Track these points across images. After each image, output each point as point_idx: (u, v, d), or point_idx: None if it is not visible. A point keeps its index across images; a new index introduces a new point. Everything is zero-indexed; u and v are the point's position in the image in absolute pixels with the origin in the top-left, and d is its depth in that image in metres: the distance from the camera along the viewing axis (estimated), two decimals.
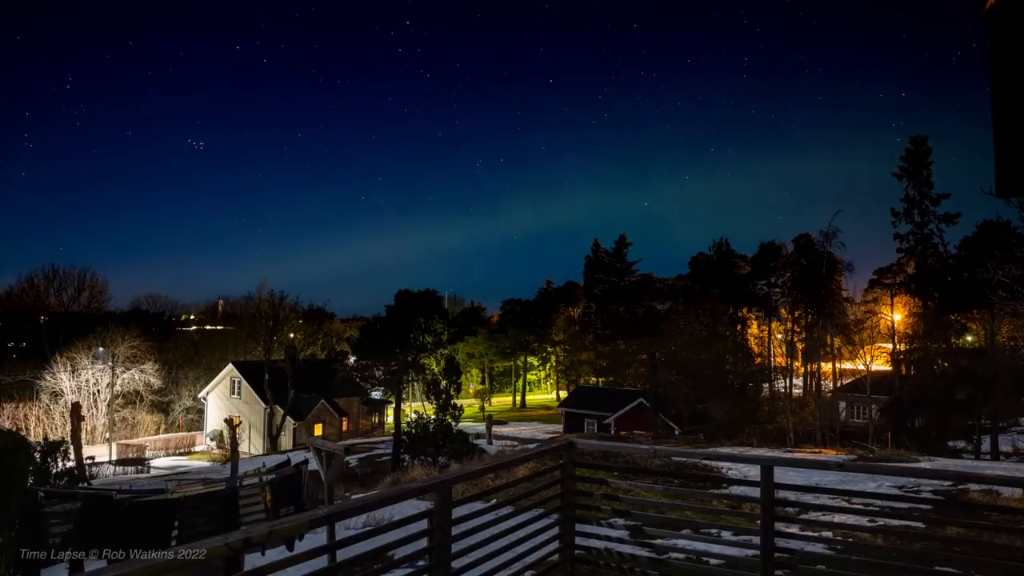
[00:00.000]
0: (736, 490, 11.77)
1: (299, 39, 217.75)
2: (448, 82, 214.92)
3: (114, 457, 44.29)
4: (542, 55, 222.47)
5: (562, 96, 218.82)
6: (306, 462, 8.87)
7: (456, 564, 4.61)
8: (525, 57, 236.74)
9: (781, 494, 5.53)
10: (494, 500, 8.34)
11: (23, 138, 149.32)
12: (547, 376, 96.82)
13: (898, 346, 48.88)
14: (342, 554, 5.30)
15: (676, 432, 44.44)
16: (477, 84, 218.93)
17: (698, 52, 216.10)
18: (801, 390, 56.18)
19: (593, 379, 75.92)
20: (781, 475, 11.04)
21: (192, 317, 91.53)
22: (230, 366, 53.80)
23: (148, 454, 46.26)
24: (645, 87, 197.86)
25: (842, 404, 46.02)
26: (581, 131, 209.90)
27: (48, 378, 50.96)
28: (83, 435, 38.33)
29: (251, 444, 50.34)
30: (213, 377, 55.49)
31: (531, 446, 26.97)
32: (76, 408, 34.70)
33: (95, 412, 52.99)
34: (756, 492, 5.22)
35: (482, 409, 71.36)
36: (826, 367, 56.24)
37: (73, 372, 51.68)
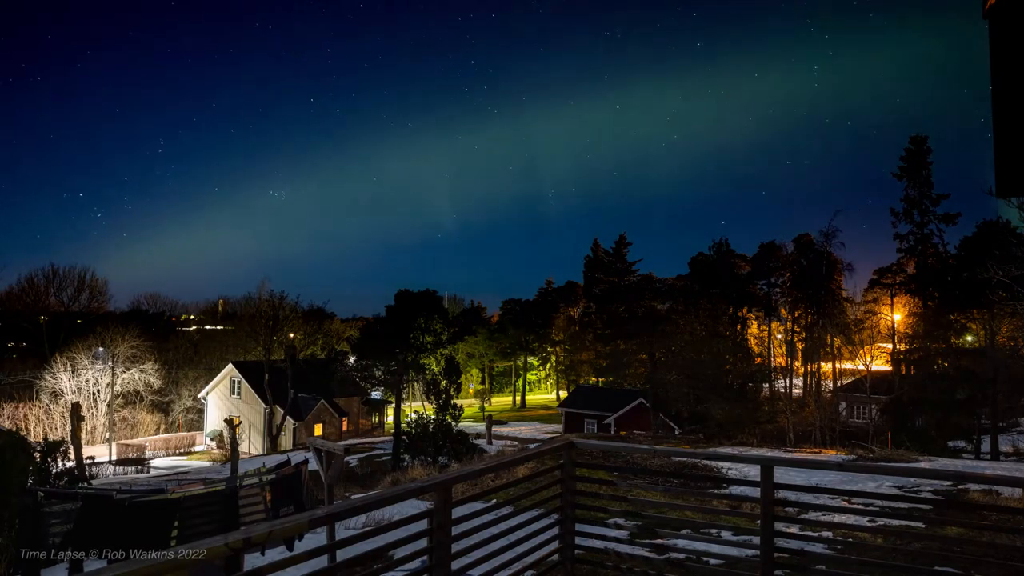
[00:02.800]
0: (736, 490, 11.78)
1: (372, 85, 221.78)
2: (516, 114, 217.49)
3: (114, 457, 44.26)
4: (606, 81, 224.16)
5: (629, 120, 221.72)
6: (306, 462, 8.87)
7: (456, 564, 4.60)
8: (591, 85, 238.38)
9: (781, 494, 5.52)
10: (494, 500, 8.34)
11: (123, 200, 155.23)
12: (547, 376, 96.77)
13: (898, 346, 48.87)
14: (342, 554, 5.31)
15: (676, 432, 44.42)
16: (546, 115, 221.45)
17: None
18: (801, 390, 56.18)
19: (593, 379, 75.90)
20: (781, 475, 11.05)
21: (192, 317, 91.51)
22: (230, 366, 53.77)
23: (148, 454, 46.23)
24: (714, 102, 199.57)
25: (842, 404, 45.98)
26: (647, 153, 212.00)
27: (48, 378, 50.95)
28: (83, 435, 38.29)
29: (251, 444, 50.32)
30: (213, 377, 55.47)
31: (531, 446, 26.98)
32: (76, 408, 34.65)
33: (95, 412, 52.98)
34: (756, 492, 5.22)
35: (482, 409, 71.31)
36: (826, 367, 56.26)
37: (73, 372, 51.67)
